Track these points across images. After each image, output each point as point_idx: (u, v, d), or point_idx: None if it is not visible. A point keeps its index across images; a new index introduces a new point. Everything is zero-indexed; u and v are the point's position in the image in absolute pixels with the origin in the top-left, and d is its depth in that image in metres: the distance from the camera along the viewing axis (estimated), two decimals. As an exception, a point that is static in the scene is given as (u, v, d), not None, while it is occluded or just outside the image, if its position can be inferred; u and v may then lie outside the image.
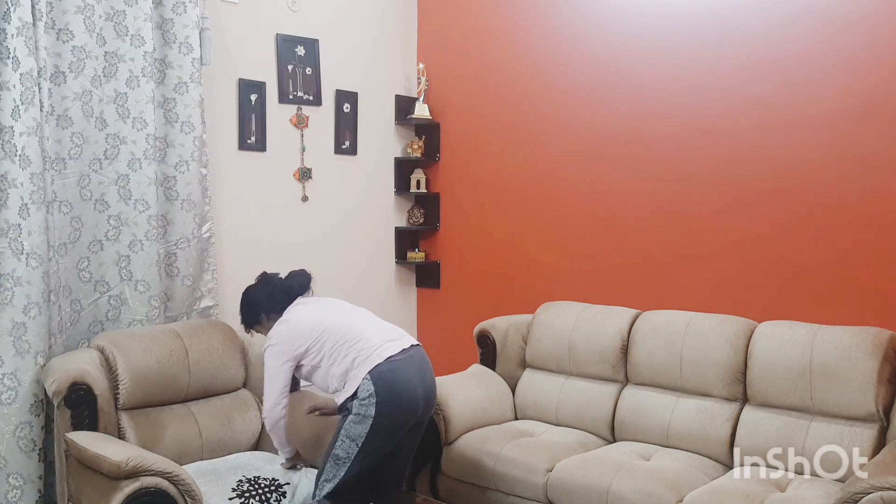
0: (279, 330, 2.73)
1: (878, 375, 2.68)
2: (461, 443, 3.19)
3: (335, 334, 2.66)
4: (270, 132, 3.84)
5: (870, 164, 3.03)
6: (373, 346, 2.61)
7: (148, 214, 3.26)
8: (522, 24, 4.07)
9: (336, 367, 2.62)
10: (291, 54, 3.90)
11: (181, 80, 3.35)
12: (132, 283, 3.26)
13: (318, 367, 2.67)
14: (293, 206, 3.98)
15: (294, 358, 2.68)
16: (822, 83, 3.13)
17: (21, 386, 2.85)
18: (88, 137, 3.12)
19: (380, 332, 2.69)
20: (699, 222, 3.48)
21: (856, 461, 2.63)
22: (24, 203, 2.84)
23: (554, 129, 3.96)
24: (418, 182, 4.44)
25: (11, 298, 2.84)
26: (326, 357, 2.64)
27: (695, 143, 3.47)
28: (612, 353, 3.32)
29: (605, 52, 3.76)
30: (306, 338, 2.67)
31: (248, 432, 3.16)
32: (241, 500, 2.60)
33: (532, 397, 3.52)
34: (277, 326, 2.75)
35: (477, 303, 4.27)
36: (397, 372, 2.57)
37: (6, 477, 2.84)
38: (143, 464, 2.39)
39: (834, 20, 3.09)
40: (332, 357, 2.63)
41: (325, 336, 2.66)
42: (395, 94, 4.43)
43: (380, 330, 2.72)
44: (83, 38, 3.05)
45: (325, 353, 2.65)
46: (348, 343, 2.63)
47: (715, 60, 3.40)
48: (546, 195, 4.01)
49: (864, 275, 3.04)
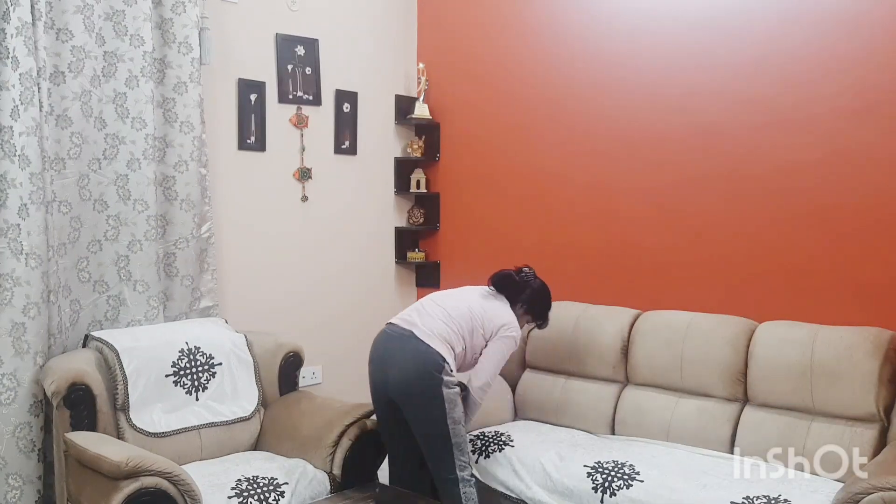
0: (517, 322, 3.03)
1: (879, 376, 2.68)
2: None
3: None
4: (270, 132, 3.84)
5: (870, 163, 3.02)
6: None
7: (147, 214, 3.26)
8: (522, 23, 4.07)
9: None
10: (291, 54, 3.90)
11: (181, 80, 3.35)
12: (131, 283, 3.26)
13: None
14: (293, 206, 3.98)
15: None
16: (822, 83, 3.12)
17: (20, 386, 2.85)
18: (88, 137, 3.11)
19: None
20: (700, 222, 3.47)
21: (856, 461, 2.63)
22: (23, 203, 2.84)
23: (554, 129, 3.96)
24: (418, 182, 4.44)
25: (11, 299, 2.84)
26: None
27: (696, 143, 3.47)
28: (612, 354, 3.32)
29: (605, 51, 3.76)
30: None
31: (247, 432, 3.15)
32: (239, 499, 2.59)
33: (532, 397, 3.52)
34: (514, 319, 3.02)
35: (477, 303, 4.26)
36: (376, 338, 2.98)
37: (5, 477, 2.83)
38: (142, 464, 2.38)
39: (834, 20, 3.09)
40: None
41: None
42: (395, 94, 4.43)
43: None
44: (82, 38, 3.04)
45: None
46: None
47: (716, 59, 3.40)
48: (546, 195, 4.00)
49: (865, 275, 3.03)
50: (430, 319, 2.89)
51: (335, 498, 2.73)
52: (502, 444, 3.11)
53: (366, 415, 3.00)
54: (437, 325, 2.86)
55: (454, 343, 2.86)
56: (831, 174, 3.11)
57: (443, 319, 2.89)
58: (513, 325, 2.97)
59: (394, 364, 2.84)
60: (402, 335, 2.87)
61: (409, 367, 2.80)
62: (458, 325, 2.89)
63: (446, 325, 2.88)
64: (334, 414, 3.02)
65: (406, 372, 2.80)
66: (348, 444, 2.91)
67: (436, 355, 2.78)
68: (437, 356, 2.78)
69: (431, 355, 2.78)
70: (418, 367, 2.78)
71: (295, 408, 3.17)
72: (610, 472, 2.77)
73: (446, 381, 2.77)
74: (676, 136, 3.53)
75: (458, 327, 2.89)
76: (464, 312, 2.93)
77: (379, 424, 2.99)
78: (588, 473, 2.82)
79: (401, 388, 2.82)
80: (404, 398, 2.82)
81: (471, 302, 2.99)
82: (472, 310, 2.95)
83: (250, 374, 3.24)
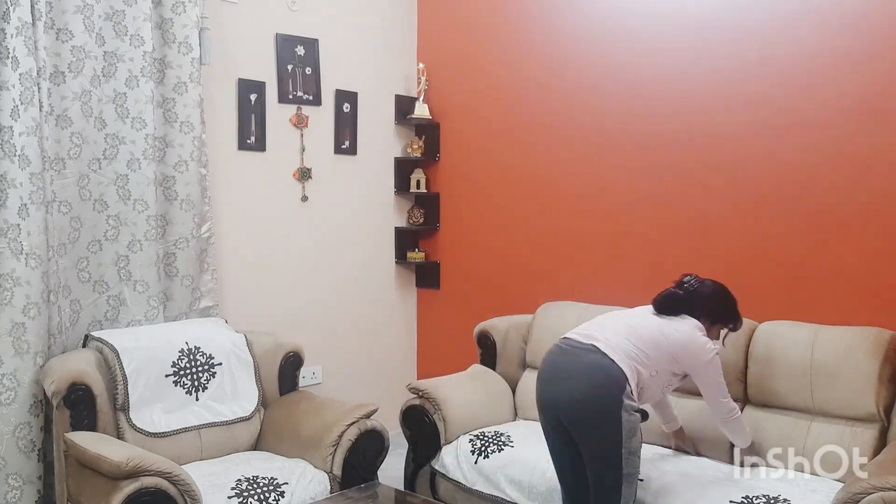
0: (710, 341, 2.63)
1: (879, 376, 2.68)
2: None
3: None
4: (270, 132, 3.84)
5: (870, 163, 3.02)
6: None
7: (147, 214, 3.26)
8: (522, 24, 4.07)
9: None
10: (291, 54, 3.90)
11: (180, 80, 3.35)
12: (131, 283, 3.26)
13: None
14: (293, 206, 3.98)
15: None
16: (822, 83, 3.12)
17: (20, 386, 2.85)
18: (88, 137, 3.11)
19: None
20: (699, 222, 3.47)
21: (856, 461, 2.63)
22: (23, 203, 2.84)
23: (554, 129, 3.96)
24: (418, 182, 4.44)
25: (11, 299, 2.84)
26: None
27: (695, 143, 3.47)
28: (612, 354, 3.31)
29: (605, 52, 3.76)
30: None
31: (247, 432, 3.16)
32: (239, 499, 2.59)
33: (532, 398, 3.50)
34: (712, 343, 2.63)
35: (477, 303, 4.27)
36: (546, 355, 2.63)
37: (5, 477, 2.83)
38: (142, 464, 2.38)
39: (834, 20, 3.09)
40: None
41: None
42: (395, 94, 4.43)
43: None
44: (82, 38, 3.04)
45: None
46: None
47: (715, 60, 3.40)
48: (546, 195, 4.00)
49: (865, 275, 3.03)
50: (613, 335, 2.51)
51: (335, 498, 2.73)
52: (502, 445, 3.11)
53: (366, 415, 2.99)
54: (621, 342, 2.48)
55: (640, 364, 2.47)
56: (831, 175, 3.11)
57: (627, 337, 2.50)
58: (705, 344, 2.56)
59: (567, 378, 2.48)
60: (580, 348, 2.50)
61: (586, 381, 2.43)
62: (646, 345, 2.50)
63: (632, 343, 2.49)
64: (334, 414, 3.01)
65: (581, 386, 2.43)
66: (348, 444, 2.90)
67: (619, 372, 2.41)
68: (619, 373, 2.40)
69: (615, 371, 2.41)
70: (597, 381, 2.42)
71: (295, 408, 3.17)
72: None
73: (626, 405, 2.37)
74: (677, 135, 3.53)
75: (646, 347, 2.50)
76: (653, 333, 2.54)
77: (553, 461, 2.64)
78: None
79: (573, 407, 2.45)
80: (576, 417, 2.45)
81: (659, 323, 2.59)
82: (662, 331, 2.55)
83: (250, 374, 3.24)
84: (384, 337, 4.47)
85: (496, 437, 3.17)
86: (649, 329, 2.55)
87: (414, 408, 3.28)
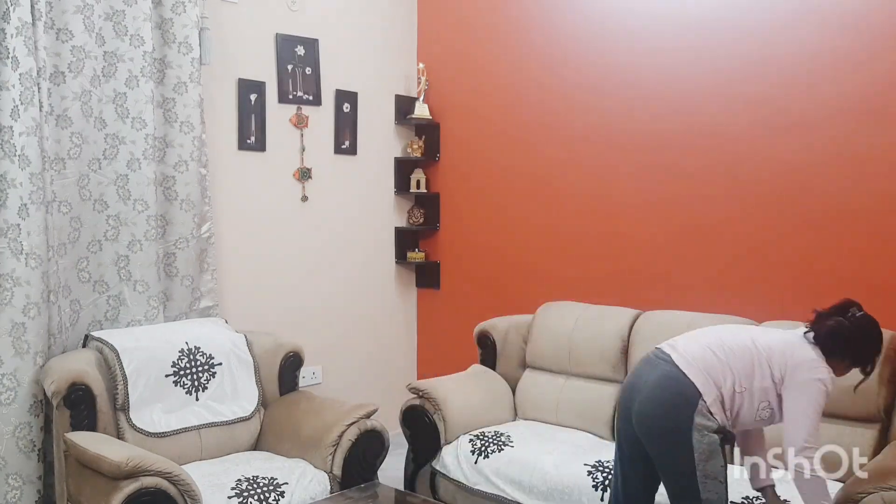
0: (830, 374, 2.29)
1: (879, 375, 2.67)
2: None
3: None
4: (270, 132, 3.84)
5: (870, 163, 3.02)
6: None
7: (147, 214, 3.26)
8: (522, 24, 4.07)
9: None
10: (291, 54, 3.90)
11: (180, 80, 3.35)
12: (131, 283, 3.26)
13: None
14: (293, 206, 3.98)
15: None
16: (822, 83, 3.13)
17: (20, 386, 2.85)
18: (88, 137, 3.11)
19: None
20: (699, 222, 3.47)
21: (856, 461, 2.62)
22: (23, 203, 2.84)
23: (554, 129, 3.96)
24: (418, 182, 4.44)
25: (11, 299, 2.84)
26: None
27: (695, 144, 3.47)
28: (612, 354, 3.32)
29: (605, 52, 3.76)
30: None
31: (247, 432, 3.16)
32: (239, 499, 2.59)
33: (532, 398, 3.52)
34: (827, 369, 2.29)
35: (477, 303, 4.27)
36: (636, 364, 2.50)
37: (5, 477, 2.83)
38: (142, 464, 2.38)
39: (834, 20, 3.09)
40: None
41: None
42: (395, 94, 4.43)
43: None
44: (82, 38, 3.04)
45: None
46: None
47: (715, 60, 3.40)
48: (546, 195, 4.01)
49: (865, 274, 3.03)
50: (693, 344, 2.33)
51: (335, 498, 2.73)
52: (502, 445, 3.11)
53: (366, 415, 2.99)
54: (700, 352, 2.29)
55: (720, 377, 2.24)
56: (831, 175, 3.12)
57: (709, 346, 2.30)
58: (817, 364, 2.25)
59: (639, 391, 2.32)
60: (656, 358, 2.36)
61: (653, 398, 2.28)
62: (731, 356, 2.28)
63: (713, 353, 2.28)
64: (334, 414, 3.01)
65: (648, 403, 2.28)
66: (348, 444, 2.90)
67: (689, 387, 2.21)
68: (689, 388, 2.21)
69: (683, 386, 2.22)
70: (663, 398, 2.26)
71: (295, 408, 3.17)
72: (611, 471, 2.77)
73: (698, 424, 2.18)
74: (677, 135, 3.53)
75: (730, 358, 2.27)
76: (743, 343, 2.31)
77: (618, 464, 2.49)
78: (588, 472, 2.82)
79: (642, 424, 2.30)
80: (646, 436, 2.30)
81: (753, 332, 2.40)
82: (755, 341, 2.31)
83: (250, 374, 3.23)
84: (384, 337, 4.47)
85: (496, 437, 3.17)
86: (742, 340, 2.32)
87: (414, 408, 3.28)
